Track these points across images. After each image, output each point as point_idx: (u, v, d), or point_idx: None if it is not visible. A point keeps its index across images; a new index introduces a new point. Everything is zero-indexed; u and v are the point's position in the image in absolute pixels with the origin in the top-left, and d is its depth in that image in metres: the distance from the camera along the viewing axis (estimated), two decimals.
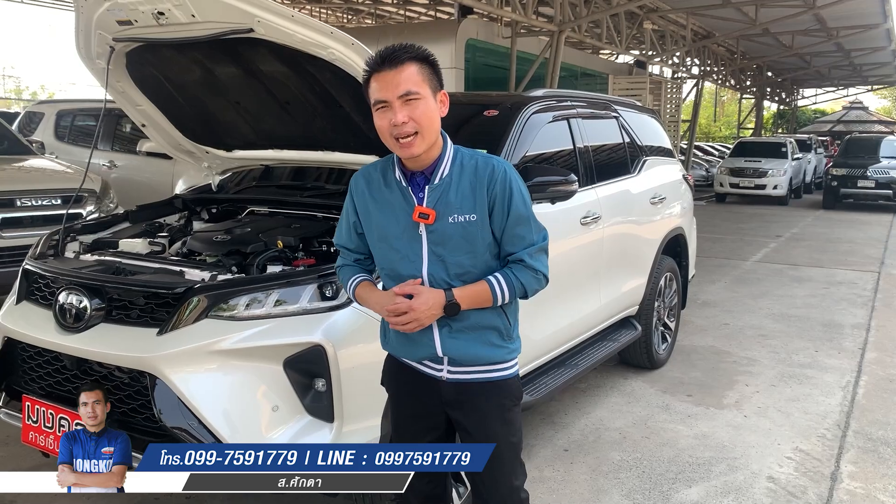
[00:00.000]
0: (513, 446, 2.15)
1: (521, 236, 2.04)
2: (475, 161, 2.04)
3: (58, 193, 5.61)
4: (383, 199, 2.07)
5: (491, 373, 2.11)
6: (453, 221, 2.00)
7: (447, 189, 2.01)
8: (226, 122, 3.58)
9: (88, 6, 2.98)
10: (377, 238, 2.10)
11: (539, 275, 2.07)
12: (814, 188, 22.86)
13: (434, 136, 1.99)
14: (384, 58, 1.95)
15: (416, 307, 1.97)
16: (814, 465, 3.84)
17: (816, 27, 19.21)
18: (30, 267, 3.02)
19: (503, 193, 2.01)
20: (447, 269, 2.02)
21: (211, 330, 2.51)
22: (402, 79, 1.93)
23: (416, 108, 1.94)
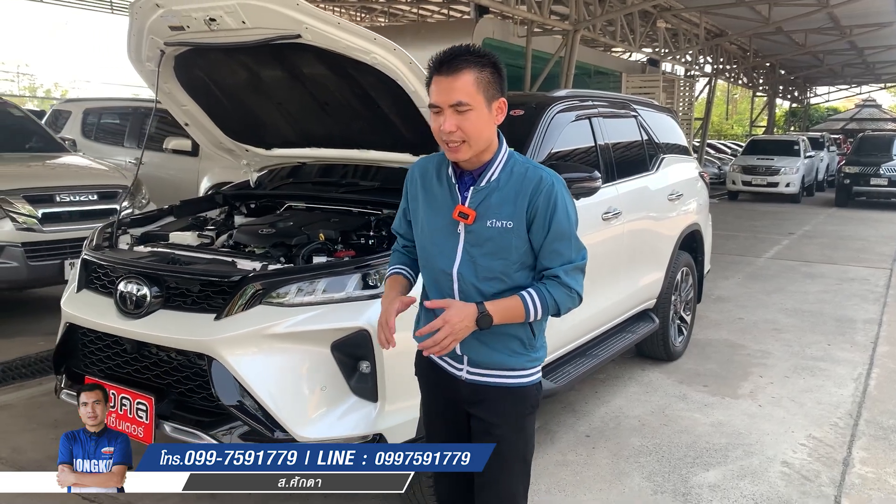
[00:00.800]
0: (521, 453, 2.14)
1: (560, 252, 2.01)
2: (525, 169, 2.02)
3: (94, 189, 5.83)
4: (432, 192, 2.10)
5: (510, 379, 2.09)
6: (491, 225, 2.00)
7: (491, 193, 2.01)
8: (267, 122, 3.77)
9: (143, 12, 3.17)
10: (420, 229, 2.14)
11: (573, 293, 2.03)
12: (826, 186, 22.88)
13: (483, 144, 1.99)
14: (442, 62, 1.94)
15: (450, 319, 1.92)
16: (827, 451, 4.00)
17: (829, 25, 19.27)
18: (89, 258, 3.22)
19: (546, 207, 1.98)
20: (476, 271, 2.02)
21: (264, 315, 2.70)
22: (456, 87, 1.91)
23: (466, 119, 1.92)
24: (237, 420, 2.67)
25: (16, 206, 5.32)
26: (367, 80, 3.13)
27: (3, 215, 5.27)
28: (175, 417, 2.80)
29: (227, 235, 3.48)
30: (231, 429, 2.69)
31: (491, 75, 1.96)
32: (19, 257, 5.28)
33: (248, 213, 3.94)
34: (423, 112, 3.08)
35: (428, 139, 3.24)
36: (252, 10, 2.86)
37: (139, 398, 2.79)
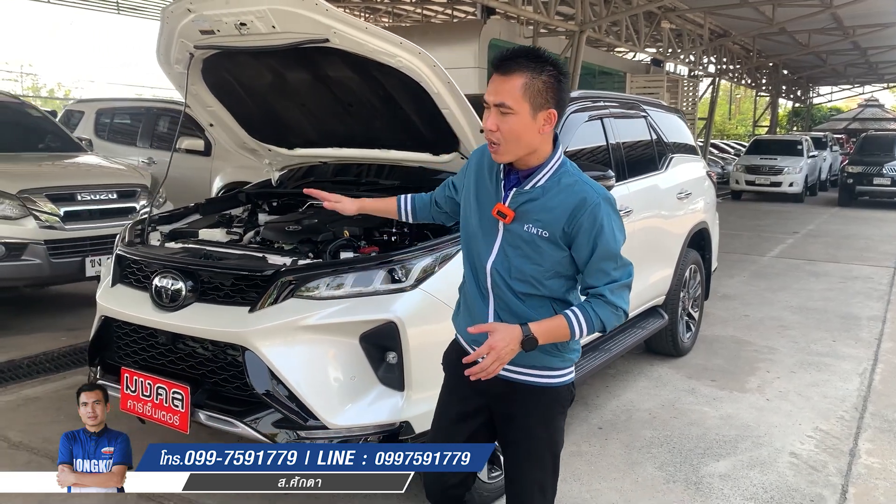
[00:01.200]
0: (550, 449, 2.16)
1: (606, 271, 1.99)
2: (573, 182, 2.01)
3: (113, 188, 5.95)
4: (483, 182, 2.12)
5: (542, 378, 2.11)
6: (527, 230, 2.00)
7: (533, 199, 2.01)
8: (290, 123, 3.89)
9: (174, 17, 3.28)
10: (465, 216, 2.16)
11: (619, 311, 2.01)
12: (829, 186, 22.99)
13: (521, 150, 1.98)
14: (500, 61, 1.95)
15: (496, 346, 1.91)
16: (833, 442, 4.11)
17: (833, 26, 19.37)
18: (123, 253, 3.34)
19: (591, 226, 1.96)
20: (509, 271, 2.04)
21: (296, 308, 2.81)
22: (504, 88, 1.92)
23: (506, 122, 1.93)
24: (270, 408, 2.79)
25: (39, 205, 5.44)
26: (390, 81, 3.24)
27: (27, 213, 5.39)
28: (209, 406, 2.91)
29: (254, 232, 3.60)
30: (264, 417, 2.80)
31: (544, 84, 1.93)
32: (42, 254, 5.40)
33: (270, 210, 4.06)
34: (445, 114, 3.20)
35: (447, 140, 3.39)
36: (282, 14, 2.97)
37: (175, 388, 2.90)
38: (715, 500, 3.44)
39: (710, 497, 3.46)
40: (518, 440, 2.15)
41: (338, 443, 2.76)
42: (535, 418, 2.12)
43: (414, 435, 2.83)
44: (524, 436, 2.13)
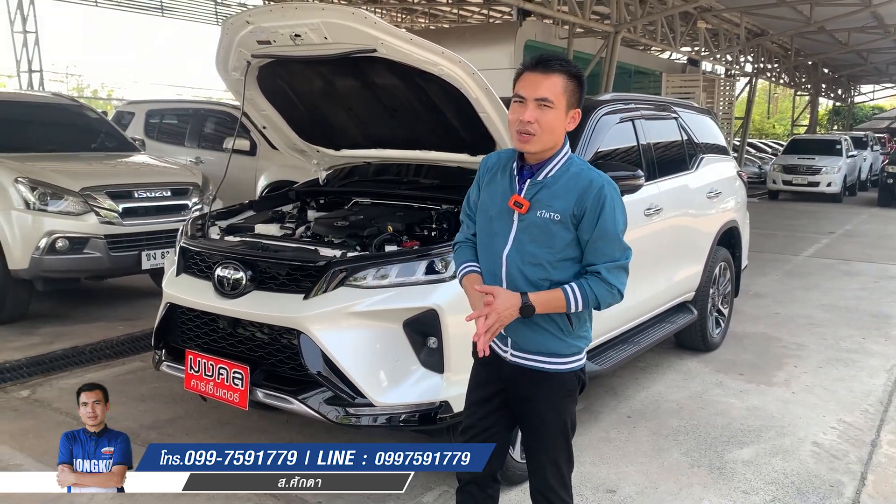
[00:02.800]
0: (561, 430, 2.32)
1: (603, 251, 2.18)
2: (580, 169, 2.23)
3: (167, 186, 6.30)
4: (496, 181, 2.31)
5: (549, 364, 2.27)
6: (540, 215, 2.19)
7: (545, 187, 2.21)
8: (337, 125, 4.16)
9: (234, 28, 3.57)
10: (480, 213, 2.35)
11: (614, 289, 2.19)
12: (869, 186, 22.69)
13: (551, 142, 2.20)
14: (539, 62, 2.17)
15: (496, 307, 2.13)
16: (856, 433, 4.26)
17: (873, 24, 19.13)
18: (187, 246, 3.64)
19: (594, 207, 2.16)
20: (522, 256, 2.21)
21: (346, 296, 3.08)
22: (545, 84, 2.14)
23: (545, 115, 2.14)
24: (322, 387, 3.05)
25: (99, 202, 5.80)
26: (431, 88, 3.49)
27: (89, 210, 5.75)
28: (266, 385, 3.19)
29: (304, 227, 3.88)
30: (316, 394, 3.07)
31: (575, 87, 2.18)
32: (102, 248, 5.75)
33: (318, 207, 4.34)
34: (483, 117, 3.43)
35: (484, 141, 3.62)
36: (334, 27, 3.24)
37: (235, 368, 3.19)
38: (737, 483, 3.62)
39: (732, 480, 3.65)
40: (530, 422, 2.34)
41: (383, 420, 3.02)
42: (543, 402, 2.29)
43: (453, 413, 3.07)
44: (535, 417, 2.31)
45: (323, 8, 3.26)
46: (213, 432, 4.06)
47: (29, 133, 6.86)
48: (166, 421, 4.21)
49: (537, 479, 2.36)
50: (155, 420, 4.22)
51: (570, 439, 2.37)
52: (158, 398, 4.55)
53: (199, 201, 6.43)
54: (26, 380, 4.81)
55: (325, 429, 3.97)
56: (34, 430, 4.01)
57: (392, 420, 3.04)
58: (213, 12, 20.44)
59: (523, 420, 2.38)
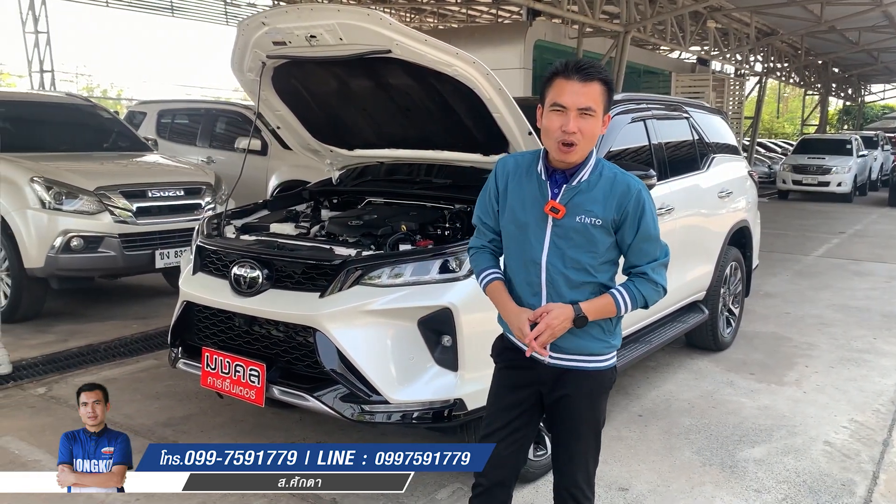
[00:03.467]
0: (593, 427, 2.37)
1: (647, 252, 2.24)
2: (614, 174, 2.24)
3: (181, 186, 6.35)
4: (521, 186, 2.29)
5: (589, 363, 2.30)
6: (580, 221, 2.19)
7: (582, 192, 2.21)
8: (351, 125, 4.19)
9: (250, 29, 3.61)
10: (508, 220, 2.32)
11: (659, 287, 2.27)
12: (880, 185, 22.58)
13: (589, 149, 2.22)
14: (579, 69, 2.15)
15: (550, 323, 2.15)
16: (867, 433, 4.26)
17: (884, 23, 19.05)
18: (203, 244, 3.68)
19: (635, 211, 2.20)
20: (564, 262, 2.22)
21: (361, 294, 3.11)
22: (588, 93, 2.14)
23: (587, 123, 2.15)
24: (338, 384, 3.09)
25: (114, 201, 5.85)
26: (445, 88, 3.51)
27: (103, 209, 5.80)
28: (282, 383, 3.22)
29: (319, 226, 3.91)
30: (331, 391, 3.10)
31: (609, 93, 2.21)
32: (116, 247, 5.81)
33: (331, 207, 4.37)
34: (497, 118, 3.46)
35: (497, 141, 3.65)
36: (349, 28, 3.27)
37: (252, 365, 3.22)
38: (749, 482, 3.64)
39: (744, 479, 3.66)
40: (566, 420, 2.35)
41: (398, 417, 3.05)
42: (582, 399, 2.32)
43: (467, 411, 3.10)
44: (572, 416, 2.33)
45: (338, 9, 3.29)
46: (228, 429, 4.10)
47: (43, 133, 6.93)
48: (181, 418, 4.25)
49: (565, 478, 2.38)
50: (170, 417, 4.26)
51: (601, 437, 2.41)
52: (173, 396, 4.59)
53: (212, 201, 6.48)
54: (42, 377, 4.87)
55: (338, 426, 4.01)
56: (51, 427, 4.06)
57: (406, 417, 3.07)
58: (222, 12, 20.51)
59: (558, 419, 2.38)
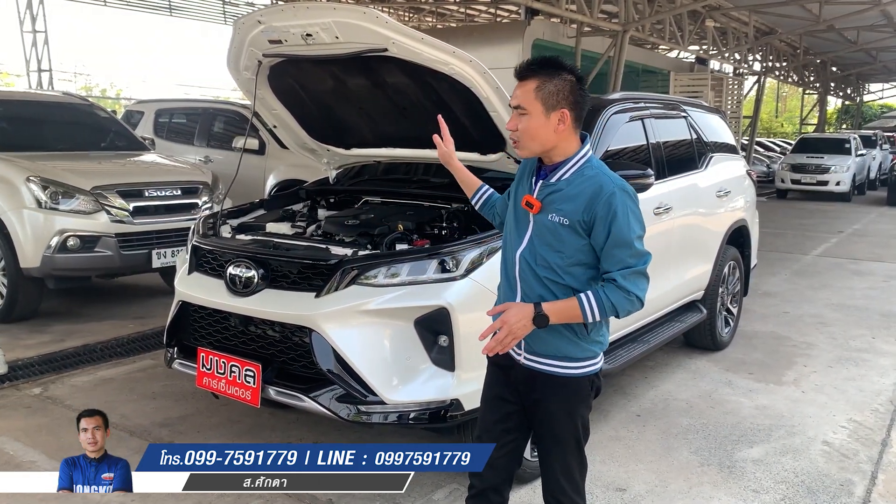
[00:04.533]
0: (573, 434, 2.28)
1: (619, 258, 2.12)
2: (594, 174, 2.19)
3: (178, 185, 6.33)
4: (522, 182, 2.33)
5: (562, 368, 2.23)
6: (551, 219, 2.18)
7: (557, 190, 2.20)
8: (348, 124, 4.17)
9: (245, 28, 3.59)
10: (508, 212, 2.37)
11: (632, 296, 2.11)
12: (879, 185, 22.58)
13: (537, 147, 2.21)
14: (517, 70, 2.22)
15: (508, 320, 2.11)
16: (866, 433, 4.25)
17: (883, 23, 19.06)
18: (199, 244, 3.66)
19: (605, 214, 2.11)
20: (535, 259, 2.21)
21: (358, 294, 3.09)
22: (518, 92, 2.19)
23: (521, 121, 2.19)
24: (334, 384, 3.07)
25: (110, 200, 5.83)
26: (442, 86, 3.49)
27: (100, 208, 5.78)
28: (277, 383, 3.20)
29: (315, 226, 3.89)
30: (327, 392, 3.08)
31: (556, 87, 2.15)
32: (113, 247, 5.78)
33: (328, 206, 4.35)
34: (493, 116, 3.44)
35: (494, 140, 3.63)
36: (346, 26, 3.25)
37: (247, 366, 3.20)
38: (747, 482, 3.62)
39: (742, 479, 3.65)
40: (542, 426, 2.31)
41: (394, 417, 3.03)
42: (556, 406, 2.26)
43: (464, 411, 3.08)
44: (547, 421, 2.28)
45: (335, 7, 3.27)
46: (224, 430, 4.08)
47: (40, 132, 6.91)
48: (177, 418, 4.23)
49: (551, 484, 2.35)
50: (166, 417, 4.24)
51: (583, 445, 2.34)
52: (169, 396, 4.58)
53: (209, 200, 6.46)
54: (38, 377, 4.85)
55: (334, 427, 3.99)
56: (47, 427, 4.05)
57: (402, 418, 3.05)
58: (220, 11, 20.49)
59: (536, 424, 2.35)
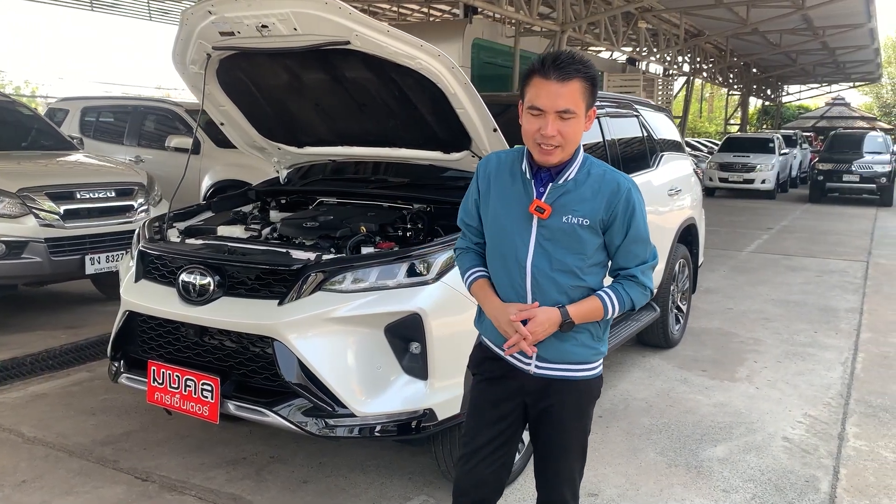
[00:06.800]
0: (581, 439, 2.26)
1: (636, 254, 2.12)
2: (602, 172, 2.12)
3: (111, 187, 5.98)
4: (505, 186, 2.17)
5: (576, 372, 2.18)
6: (567, 221, 2.07)
7: (568, 191, 2.09)
8: (302, 121, 3.97)
9: (194, 18, 3.35)
10: (491, 221, 2.20)
11: (647, 290, 2.16)
12: (799, 182, 23.49)
13: (573, 149, 2.09)
14: (557, 66, 1.99)
15: (534, 330, 2.05)
16: (822, 427, 4.31)
17: (803, 26, 19.81)
18: (146, 249, 3.41)
19: (625, 211, 2.08)
20: (551, 264, 2.10)
21: (324, 301, 2.92)
22: (566, 94, 1.99)
23: (568, 125, 2.01)
24: (299, 398, 2.89)
25: (39, 203, 5.46)
26: (406, 82, 3.34)
27: (27, 212, 5.41)
28: (237, 397, 3.00)
29: (270, 228, 3.69)
30: (292, 405, 2.90)
31: (592, 86, 2.05)
32: (42, 252, 5.42)
33: (280, 208, 4.15)
34: (460, 113, 3.32)
35: (460, 138, 3.51)
36: (305, 17, 3.06)
37: (204, 379, 2.99)
38: (716, 482, 3.60)
39: (711, 479, 3.63)
40: (553, 432, 2.23)
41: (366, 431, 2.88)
42: (569, 410, 2.20)
43: (437, 421, 2.95)
44: (559, 428, 2.22)
45: None
46: (173, 446, 3.83)
47: None
48: (121, 435, 3.96)
49: (552, 492, 2.26)
50: (108, 435, 3.97)
51: (587, 448, 2.31)
52: (110, 411, 4.29)
53: (145, 202, 6.14)
54: None
55: (292, 439, 3.81)
56: None
57: (374, 431, 2.89)
58: (145, 7, 19.72)
59: (544, 432, 2.25)
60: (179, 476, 3.51)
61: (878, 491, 3.56)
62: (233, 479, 3.48)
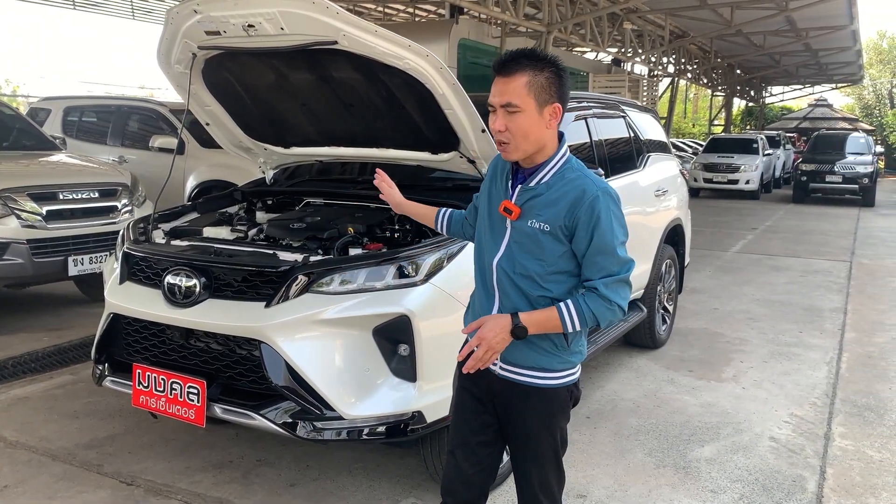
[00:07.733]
0: (551, 447, 2.18)
1: (602, 266, 2.01)
2: (575, 176, 2.06)
3: (95, 187, 5.91)
4: (495, 185, 2.19)
5: (540, 379, 2.12)
6: (531, 225, 2.05)
7: (538, 194, 2.06)
8: (289, 122, 3.93)
9: (180, 17, 3.31)
10: (480, 217, 2.24)
11: (613, 305, 2.01)
12: (783, 183, 23.68)
13: (530, 147, 2.05)
14: (501, 64, 2.02)
15: (485, 336, 1.99)
16: (809, 427, 4.33)
17: (787, 28, 19.96)
18: (131, 251, 3.36)
19: (589, 219, 1.99)
20: (514, 267, 2.08)
21: (311, 303, 2.89)
22: (508, 89, 1.99)
23: (513, 120, 2.00)
24: (286, 400, 2.86)
25: (21, 204, 5.39)
26: (394, 82, 3.31)
27: (9, 213, 5.34)
28: (224, 400, 2.97)
29: (257, 230, 3.65)
30: (279, 409, 2.87)
31: (547, 80, 2.00)
32: (24, 254, 5.35)
33: (266, 208, 4.11)
34: (448, 114, 3.29)
35: (448, 139, 3.49)
36: (292, 17, 3.02)
37: (190, 382, 2.95)
38: (704, 482, 3.61)
39: (699, 480, 3.63)
40: (518, 438, 2.19)
41: (354, 434, 2.85)
42: (533, 418, 2.15)
43: (426, 424, 2.93)
44: (524, 434, 2.17)
45: None
46: (157, 449, 3.79)
47: None
48: (105, 439, 3.91)
49: (527, 498, 2.23)
50: (92, 438, 3.92)
51: (561, 457, 2.23)
52: (94, 414, 4.24)
53: (129, 203, 6.08)
54: None
55: (279, 441, 3.77)
56: None
57: (362, 433, 2.87)
58: (128, 6, 19.55)
59: (510, 436, 2.23)
60: (165, 480, 3.47)
61: (864, 490, 3.58)
62: (219, 483, 3.45)
